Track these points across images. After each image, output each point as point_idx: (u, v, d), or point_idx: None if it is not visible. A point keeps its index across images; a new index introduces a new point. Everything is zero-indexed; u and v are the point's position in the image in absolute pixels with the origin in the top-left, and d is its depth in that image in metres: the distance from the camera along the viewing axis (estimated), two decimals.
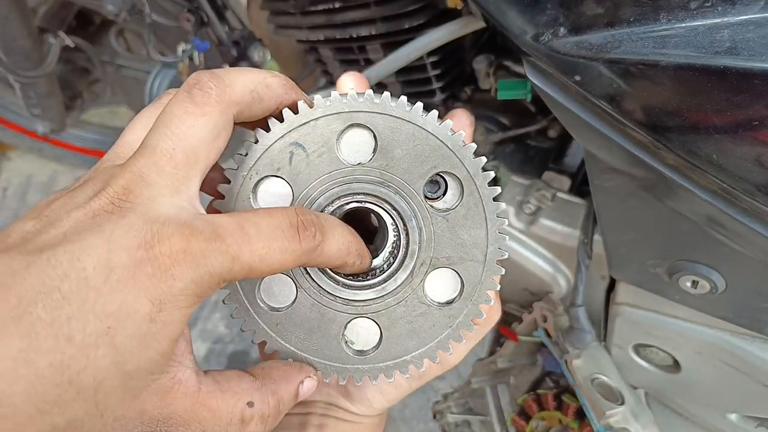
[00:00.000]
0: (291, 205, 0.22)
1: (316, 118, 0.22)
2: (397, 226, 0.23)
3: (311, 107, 0.22)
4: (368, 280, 0.23)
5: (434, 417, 0.65)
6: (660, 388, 0.50)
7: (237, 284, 0.23)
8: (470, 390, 0.61)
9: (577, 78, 0.29)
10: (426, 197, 0.23)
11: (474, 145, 0.23)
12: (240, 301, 0.23)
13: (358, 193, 0.22)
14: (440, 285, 0.24)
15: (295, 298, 0.23)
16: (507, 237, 0.24)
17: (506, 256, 0.23)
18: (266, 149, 0.22)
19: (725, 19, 0.24)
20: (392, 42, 0.46)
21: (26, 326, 0.17)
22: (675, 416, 0.54)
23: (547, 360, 0.55)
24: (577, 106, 0.31)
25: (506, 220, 0.24)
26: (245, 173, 0.22)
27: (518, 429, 0.55)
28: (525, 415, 0.54)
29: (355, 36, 0.46)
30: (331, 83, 0.57)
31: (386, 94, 0.22)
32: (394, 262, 0.23)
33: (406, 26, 0.43)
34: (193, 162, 0.21)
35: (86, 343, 0.17)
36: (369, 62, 0.50)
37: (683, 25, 0.25)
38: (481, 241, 0.23)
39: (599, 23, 0.27)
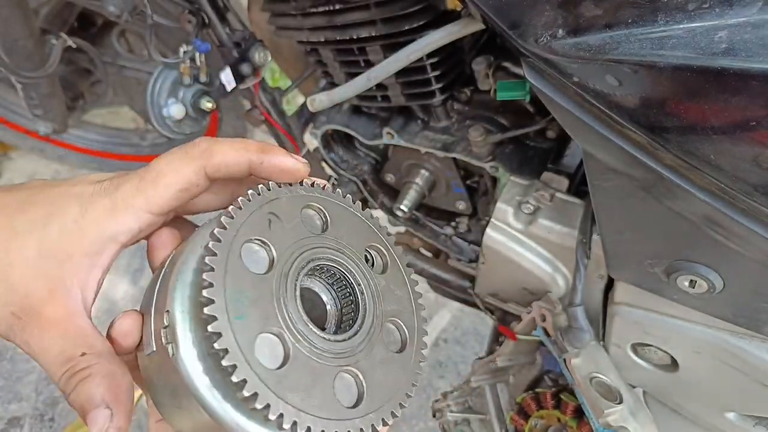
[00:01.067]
0: (271, 266, 0.24)
1: (282, 198, 0.25)
2: (359, 282, 0.26)
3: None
4: (344, 332, 0.25)
5: (434, 416, 0.65)
6: (658, 387, 0.51)
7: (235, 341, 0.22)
8: (470, 389, 0.61)
9: (576, 79, 0.29)
10: (366, 262, 0.27)
11: (386, 226, 0.29)
12: (240, 361, 0.21)
13: (325, 256, 0.26)
14: (393, 334, 0.26)
15: (287, 355, 0.23)
16: (421, 295, 0.28)
17: (425, 309, 0.28)
18: (248, 216, 0.24)
19: (723, 20, 0.24)
20: (392, 43, 0.46)
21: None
22: (673, 415, 0.54)
23: (546, 359, 0.55)
24: (575, 107, 0.32)
25: (417, 283, 0.29)
26: (234, 234, 0.23)
27: (517, 427, 0.55)
28: (524, 413, 0.55)
29: (355, 37, 0.47)
30: (332, 84, 0.57)
31: (328, 185, 0.28)
32: (357, 316, 0.25)
33: (406, 28, 0.44)
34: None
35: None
36: (369, 63, 0.50)
37: (681, 26, 0.25)
38: (407, 297, 0.27)
39: (597, 25, 0.28)
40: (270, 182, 0.25)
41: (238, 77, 0.61)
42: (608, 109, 0.29)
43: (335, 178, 0.67)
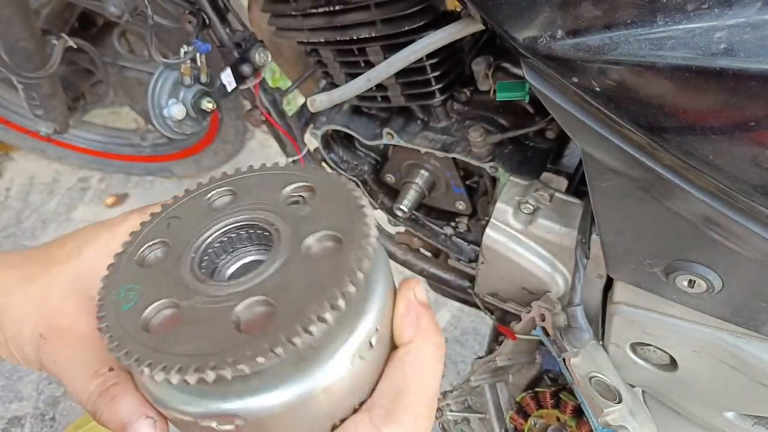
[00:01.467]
0: (166, 256, 0.25)
1: (185, 201, 0.27)
2: (272, 223, 0.25)
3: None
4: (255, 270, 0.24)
5: None
6: (657, 386, 0.51)
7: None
8: (469, 388, 0.61)
9: (575, 79, 0.29)
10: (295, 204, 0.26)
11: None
12: None
13: (233, 223, 0.25)
14: (322, 243, 0.24)
15: (179, 316, 0.23)
16: (365, 205, 0.24)
17: (368, 210, 0.24)
18: (150, 227, 0.26)
19: (722, 21, 0.25)
20: (392, 44, 0.47)
21: None
22: (672, 414, 0.54)
23: (545, 358, 0.56)
24: (574, 108, 0.32)
25: (359, 187, 0.29)
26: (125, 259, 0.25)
27: (517, 427, 0.55)
28: (523, 412, 0.55)
29: (355, 38, 0.47)
30: (332, 84, 0.57)
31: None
32: (270, 250, 0.24)
33: (406, 28, 0.44)
34: None
35: None
36: (369, 64, 0.50)
37: (680, 27, 0.25)
38: (345, 208, 0.24)
39: (597, 25, 0.28)
40: (176, 195, 0.27)
41: (239, 78, 0.61)
42: (607, 109, 0.30)
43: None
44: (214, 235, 0.25)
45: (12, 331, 0.27)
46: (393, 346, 0.24)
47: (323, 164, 0.67)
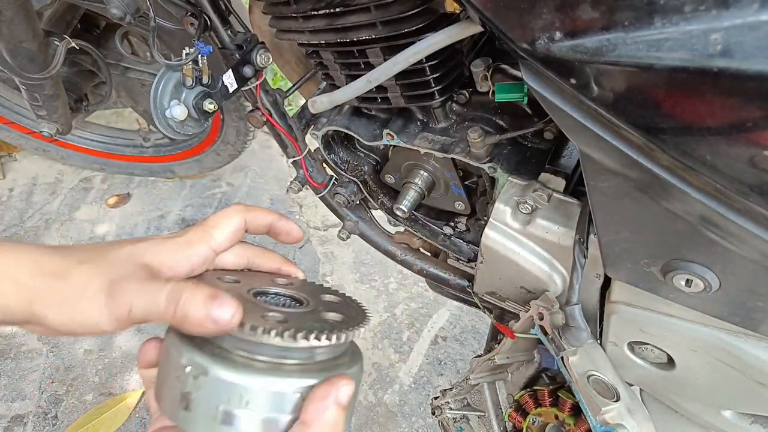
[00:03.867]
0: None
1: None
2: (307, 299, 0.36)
3: None
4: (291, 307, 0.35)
5: (433, 413, 0.65)
6: (655, 385, 0.51)
7: None
8: (468, 386, 0.61)
9: (573, 81, 0.30)
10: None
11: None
12: None
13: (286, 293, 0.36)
14: (332, 314, 0.34)
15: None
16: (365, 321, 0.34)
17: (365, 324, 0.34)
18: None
19: (719, 22, 0.25)
20: (392, 46, 0.47)
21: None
22: (670, 413, 0.54)
23: (543, 357, 0.56)
24: (572, 109, 0.32)
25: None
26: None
27: (515, 425, 0.56)
28: (522, 411, 0.55)
29: (355, 40, 0.47)
30: (333, 86, 0.57)
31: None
32: (302, 306, 0.36)
33: (406, 30, 0.44)
34: None
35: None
36: (369, 65, 0.51)
37: (678, 28, 0.26)
38: (354, 314, 0.34)
39: (595, 27, 0.28)
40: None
41: (240, 79, 0.61)
42: (605, 110, 0.30)
43: (336, 179, 0.67)
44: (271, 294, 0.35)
45: (75, 290, 0.29)
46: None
47: (323, 165, 0.67)
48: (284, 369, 0.27)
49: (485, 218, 0.53)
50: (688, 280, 0.37)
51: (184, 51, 0.60)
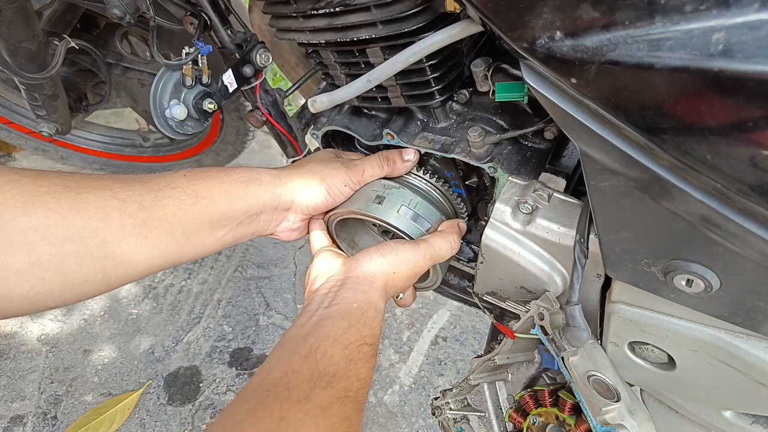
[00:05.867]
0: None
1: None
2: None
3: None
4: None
5: (433, 413, 0.65)
6: (655, 385, 0.51)
7: None
8: (468, 386, 0.61)
9: (573, 80, 0.30)
10: None
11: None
12: None
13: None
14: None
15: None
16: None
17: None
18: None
19: (720, 21, 0.25)
20: (392, 45, 0.47)
21: None
22: (671, 413, 0.54)
23: (544, 357, 0.56)
24: (573, 108, 0.32)
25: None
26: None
27: (516, 425, 0.56)
28: (522, 411, 0.55)
29: (355, 39, 0.47)
30: (333, 85, 0.57)
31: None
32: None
33: (406, 30, 0.44)
34: None
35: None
36: (369, 65, 0.51)
37: (678, 27, 0.25)
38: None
39: (595, 26, 0.28)
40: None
41: (240, 79, 0.61)
42: (605, 110, 0.30)
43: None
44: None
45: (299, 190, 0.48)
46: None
47: None
48: (435, 201, 0.55)
49: (485, 218, 0.53)
50: (688, 280, 0.36)
51: (183, 51, 0.60)
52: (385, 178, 0.54)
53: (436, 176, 0.56)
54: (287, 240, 0.50)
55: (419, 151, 0.54)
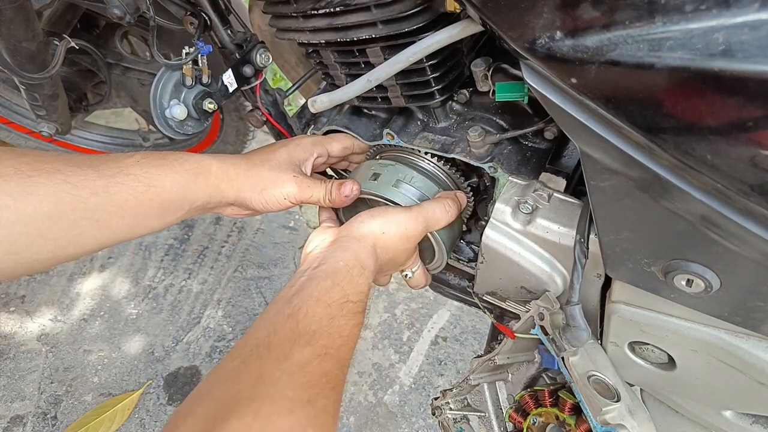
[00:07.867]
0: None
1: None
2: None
3: None
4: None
5: (433, 413, 0.65)
6: (656, 385, 0.51)
7: None
8: (468, 386, 0.61)
9: (573, 80, 0.30)
10: None
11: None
12: None
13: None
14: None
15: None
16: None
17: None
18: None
19: (720, 21, 0.25)
20: (392, 45, 0.47)
21: None
22: (671, 413, 0.54)
23: (544, 357, 0.56)
24: (573, 108, 0.32)
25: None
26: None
27: (516, 425, 0.56)
28: (522, 411, 0.55)
29: (355, 39, 0.47)
30: (333, 85, 0.57)
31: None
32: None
33: (406, 29, 0.44)
34: None
35: None
36: (369, 65, 0.51)
37: (678, 27, 0.25)
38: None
39: (595, 26, 0.28)
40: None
41: (240, 79, 0.61)
42: (606, 110, 0.30)
43: (336, 178, 0.67)
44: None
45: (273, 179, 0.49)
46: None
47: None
48: (434, 176, 0.55)
49: (486, 218, 0.53)
50: (688, 280, 0.36)
51: (183, 51, 0.60)
52: (383, 157, 0.57)
53: (437, 157, 0.56)
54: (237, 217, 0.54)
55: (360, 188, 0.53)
